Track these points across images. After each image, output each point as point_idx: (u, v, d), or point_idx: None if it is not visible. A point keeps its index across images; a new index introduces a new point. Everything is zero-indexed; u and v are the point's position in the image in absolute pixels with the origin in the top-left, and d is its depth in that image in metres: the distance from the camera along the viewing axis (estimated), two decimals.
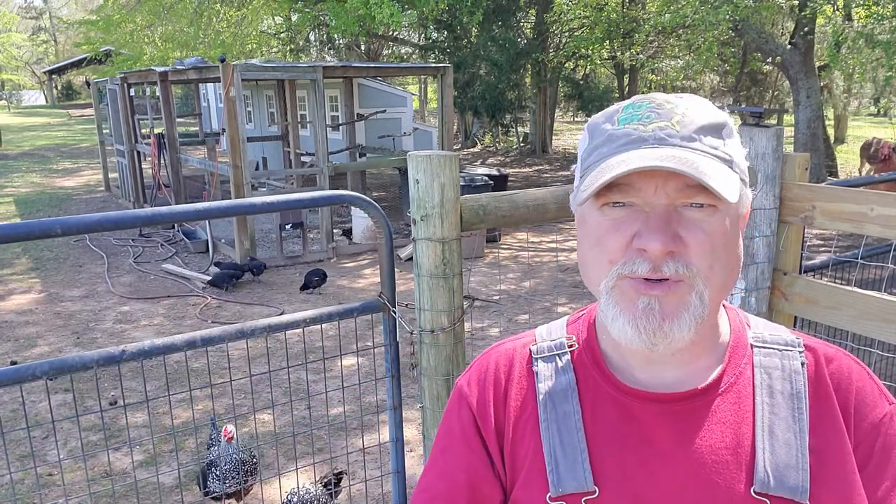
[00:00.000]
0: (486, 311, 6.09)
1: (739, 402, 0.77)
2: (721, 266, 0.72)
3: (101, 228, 1.66)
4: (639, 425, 0.77)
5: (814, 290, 2.04)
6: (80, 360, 1.68)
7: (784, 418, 0.76)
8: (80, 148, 20.67)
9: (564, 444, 0.78)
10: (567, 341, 0.85)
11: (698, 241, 0.71)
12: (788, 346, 0.81)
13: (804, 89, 11.28)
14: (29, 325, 5.88)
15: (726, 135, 0.74)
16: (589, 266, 0.77)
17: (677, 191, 0.70)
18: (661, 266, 0.70)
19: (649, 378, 0.78)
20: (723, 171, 0.70)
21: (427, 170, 1.72)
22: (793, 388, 0.77)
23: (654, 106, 0.74)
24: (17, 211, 11.08)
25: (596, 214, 0.75)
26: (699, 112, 0.74)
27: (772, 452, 0.74)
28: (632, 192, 0.72)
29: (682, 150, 0.70)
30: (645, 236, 0.70)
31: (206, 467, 2.82)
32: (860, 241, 2.35)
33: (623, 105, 0.77)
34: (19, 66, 49.35)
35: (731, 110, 1.33)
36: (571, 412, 0.79)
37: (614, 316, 0.73)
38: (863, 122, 27.77)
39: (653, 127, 0.72)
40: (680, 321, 0.71)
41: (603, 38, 14.59)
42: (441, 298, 1.79)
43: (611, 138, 0.74)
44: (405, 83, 27.80)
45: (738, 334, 0.82)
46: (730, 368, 0.79)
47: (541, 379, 0.83)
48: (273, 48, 20.00)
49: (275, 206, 1.90)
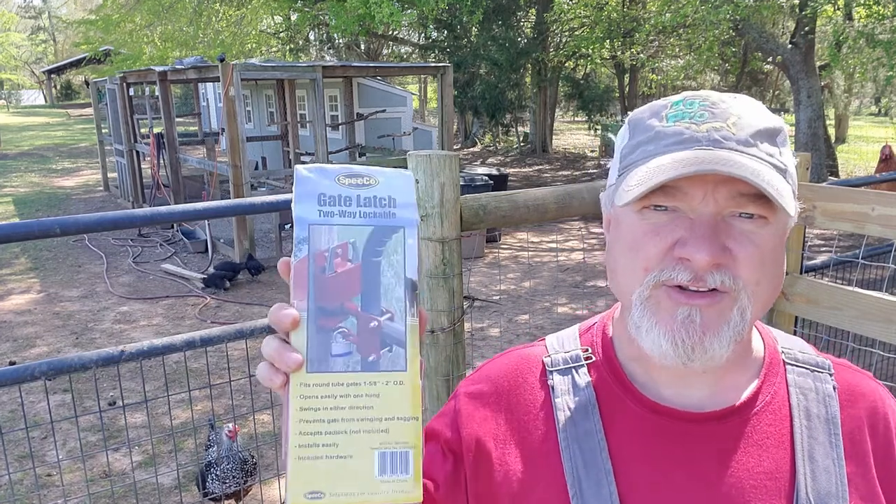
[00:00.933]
0: (486, 312, 6.08)
1: (776, 422, 0.72)
2: (768, 282, 0.67)
3: (100, 228, 1.65)
4: (668, 445, 0.71)
5: (815, 291, 2.03)
6: (78, 361, 1.67)
7: (822, 443, 0.71)
8: (78, 148, 20.66)
9: (587, 464, 0.72)
10: (583, 353, 0.79)
11: (748, 254, 0.65)
12: (819, 367, 0.76)
13: (805, 89, 11.28)
14: (28, 325, 5.88)
15: (781, 142, 0.69)
16: (620, 273, 0.71)
17: (728, 199, 0.65)
18: (705, 276, 0.65)
19: (675, 395, 0.73)
20: (780, 180, 0.65)
21: (427, 169, 1.71)
22: (828, 412, 0.73)
23: (707, 104, 0.68)
24: (15, 211, 11.08)
25: (633, 217, 0.68)
26: (755, 115, 0.68)
27: (813, 479, 0.69)
28: (678, 196, 0.65)
29: (739, 154, 0.64)
30: (691, 245, 0.64)
31: (204, 468, 2.82)
32: (861, 242, 2.35)
33: (672, 101, 0.71)
34: (18, 66, 49.36)
35: None
36: (594, 430, 0.73)
37: (648, 328, 0.67)
38: (864, 122, 27.78)
39: (707, 127, 0.66)
40: (720, 337, 0.66)
41: (603, 38, 14.58)
42: (441, 298, 1.78)
43: (658, 136, 0.68)
44: (405, 83, 27.80)
45: (772, 350, 0.77)
46: (766, 387, 0.74)
47: (557, 394, 0.76)
48: (272, 48, 20.01)
49: (275, 205, 1.90)
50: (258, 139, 12.06)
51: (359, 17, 11.08)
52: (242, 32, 18.02)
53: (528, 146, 19.53)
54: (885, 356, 2.28)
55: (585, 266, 7.69)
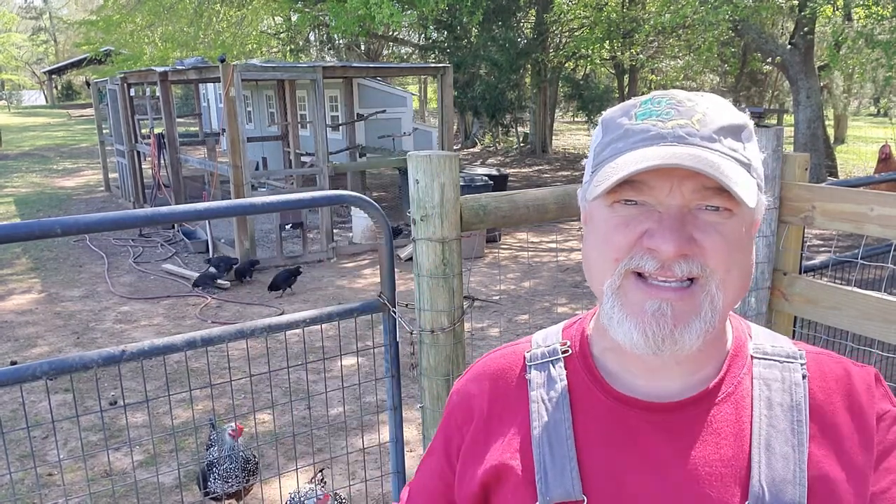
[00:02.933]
0: (486, 311, 6.09)
1: (737, 413, 0.74)
2: (738, 271, 0.70)
3: (101, 228, 1.66)
4: (631, 433, 0.74)
5: (814, 291, 2.04)
6: (80, 360, 1.68)
7: (782, 431, 0.73)
8: (79, 148, 20.67)
9: (554, 452, 0.76)
10: (561, 347, 0.83)
11: (714, 244, 0.68)
12: (790, 357, 0.78)
13: (804, 89, 11.28)
14: (29, 325, 5.88)
15: (745, 138, 0.72)
16: (593, 264, 0.74)
17: (693, 192, 0.68)
18: (672, 266, 0.68)
19: (647, 386, 0.76)
20: (742, 174, 0.68)
21: (427, 170, 1.72)
22: (792, 399, 0.74)
23: (674, 103, 0.71)
24: (17, 211, 11.08)
25: (605, 211, 0.72)
26: (720, 112, 0.71)
27: (768, 466, 0.71)
28: (645, 191, 0.69)
29: (702, 149, 0.67)
30: (658, 236, 0.67)
31: (206, 468, 2.82)
32: (860, 242, 2.35)
33: (641, 100, 0.74)
34: (19, 66, 49.35)
35: None
36: (562, 419, 0.77)
37: (620, 319, 0.70)
38: (863, 122, 27.77)
39: (672, 124, 0.69)
40: (690, 328, 0.68)
41: (603, 38, 14.58)
42: (441, 298, 1.79)
43: (627, 133, 0.71)
44: (405, 83, 27.80)
45: (739, 343, 0.79)
46: (728, 378, 0.76)
47: (533, 387, 0.81)
48: (273, 48, 20.00)
49: (275, 206, 1.90)
50: (259, 139, 12.06)
51: (359, 18, 11.08)
52: (243, 33, 18.02)
53: (528, 146, 19.52)
54: (884, 356, 2.28)
55: None
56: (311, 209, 8.89)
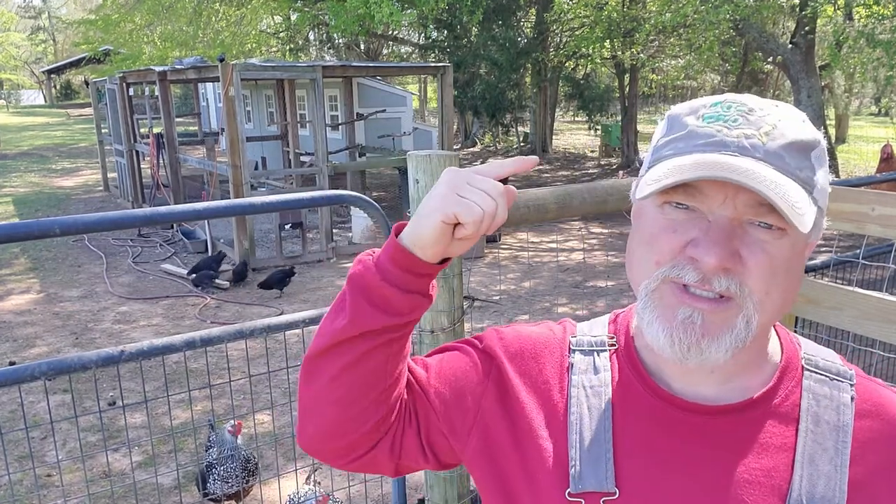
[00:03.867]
0: (486, 311, 6.08)
1: (783, 424, 0.73)
2: (779, 293, 0.68)
3: (100, 228, 1.65)
4: (672, 433, 0.73)
5: (815, 291, 2.03)
6: (78, 361, 1.67)
7: (827, 449, 0.71)
8: (78, 148, 20.66)
9: (591, 442, 0.75)
10: (609, 339, 0.82)
11: (758, 263, 0.66)
12: (840, 376, 0.76)
13: (805, 89, 11.28)
14: (27, 325, 5.88)
15: (815, 157, 0.69)
16: (634, 263, 0.73)
17: (747, 206, 0.65)
18: (712, 279, 0.66)
19: (683, 388, 0.75)
20: (801, 195, 0.65)
21: (427, 170, 1.71)
22: (839, 420, 0.73)
23: (745, 110, 0.68)
24: (15, 211, 11.08)
25: (654, 211, 0.70)
26: (791, 127, 0.68)
27: (810, 482, 0.70)
28: (698, 197, 0.66)
29: (763, 165, 0.64)
30: (702, 246, 0.65)
31: (205, 469, 2.81)
32: (861, 241, 2.35)
33: (711, 101, 0.71)
34: (18, 66, 49.34)
35: None
36: (603, 409, 0.76)
37: (650, 321, 0.70)
38: (864, 122, 27.78)
39: (738, 133, 0.66)
40: (719, 342, 0.67)
41: (603, 38, 14.58)
42: (441, 298, 1.78)
43: (690, 134, 0.69)
44: (405, 83, 27.80)
45: (790, 355, 0.77)
46: (781, 388, 0.75)
47: (575, 371, 0.79)
48: (272, 47, 19.99)
49: (274, 206, 1.90)
50: (258, 139, 12.06)
51: (359, 17, 11.08)
52: (242, 32, 18.02)
53: (528, 146, 19.51)
54: (884, 356, 2.28)
55: (585, 266, 7.68)
56: (310, 209, 8.89)
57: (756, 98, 0.71)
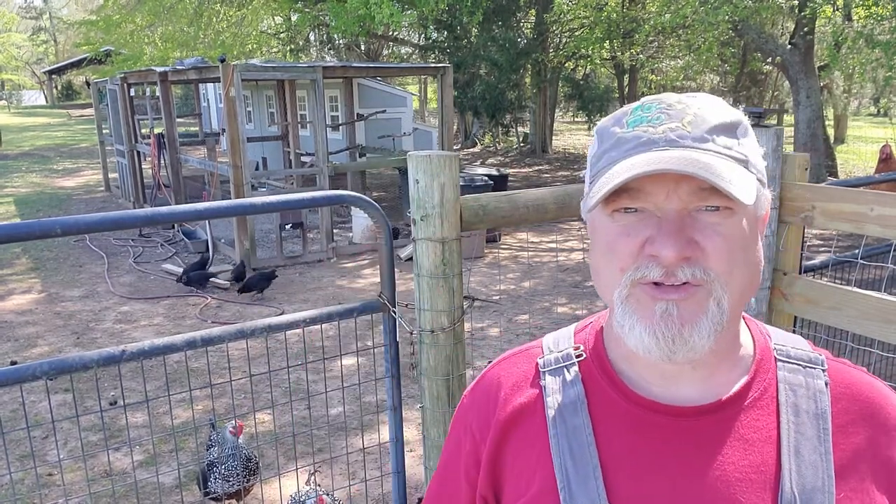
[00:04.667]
0: (486, 311, 6.09)
1: (764, 418, 0.74)
2: (741, 271, 0.69)
3: (101, 228, 1.66)
4: (656, 440, 0.73)
5: (814, 291, 2.04)
6: (80, 360, 1.68)
7: (810, 438, 0.73)
8: (79, 148, 20.67)
9: (576, 459, 0.74)
10: (574, 352, 0.81)
11: (715, 246, 0.67)
12: (812, 363, 0.78)
13: (804, 89, 11.28)
14: (29, 325, 5.88)
15: (741, 134, 0.71)
16: (600, 275, 0.74)
17: (690, 194, 0.67)
18: (676, 271, 0.67)
19: (665, 392, 0.75)
20: (738, 171, 0.67)
21: (427, 170, 1.72)
22: (818, 407, 0.74)
23: (664, 107, 0.71)
24: (17, 211, 11.08)
25: (606, 221, 0.71)
26: (712, 111, 0.70)
27: (798, 473, 0.71)
28: (642, 197, 0.68)
29: (693, 151, 0.67)
30: (658, 242, 0.67)
31: (206, 468, 2.82)
32: (860, 242, 2.36)
33: (633, 107, 0.74)
34: (19, 66, 49.35)
35: None
36: (582, 426, 0.75)
37: (631, 325, 0.70)
38: (863, 122, 27.77)
39: (663, 129, 0.69)
40: (699, 328, 0.68)
41: (603, 38, 14.59)
42: (441, 298, 1.79)
43: (620, 142, 0.71)
44: (405, 83, 27.80)
45: (764, 347, 0.78)
46: (756, 382, 0.75)
47: (548, 393, 0.79)
48: (273, 48, 20.00)
49: (275, 206, 1.90)
50: (259, 139, 12.06)
51: (359, 18, 11.08)
52: (243, 33, 18.03)
53: (528, 146, 19.52)
54: (883, 356, 2.29)
55: (585, 266, 7.68)
56: (311, 209, 8.89)
57: (673, 94, 0.74)
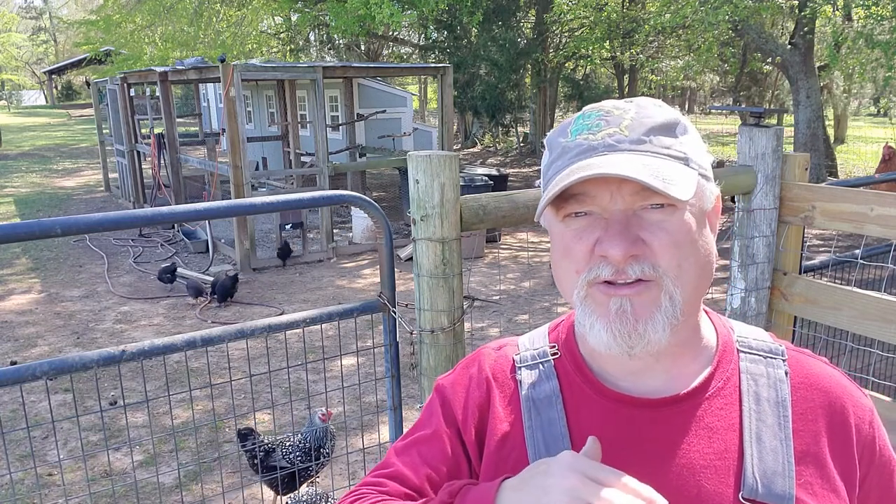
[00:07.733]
0: (486, 311, 6.09)
1: (727, 407, 0.77)
2: (690, 264, 0.72)
3: (101, 228, 1.66)
4: (625, 430, 0.76)
5: (814, 290, 2.04)
6: (80, 360, 1.68)
7: (770, 425, 0.76)
8: (79, 148, 20.67)
9: (550, 451, 0.76)
10: (549, 349, 0.85)
11: (661, 242, 0.70)
12: (772, 353, 0.81)
13: (804, 89, 11.28)
14: (29, 325, 5.88)
15: (680, 132, 0.74)
16: (561, 279, 0.77)
17: (633, 195, 0.70)
18: (626, 268, 0.70)
19: (631, 387, 0.78)
20: (677, 169, 0.70)
21: (427, 170, 1.72)
22: (778, 396, 0.78)
23: (602, 114, 0.75)
24: (17, 211, 11.09)
25: (560, 227, 0.75)
26: (648, 114, 0.74)
27: (760, 459, 0.74)
28: (588, 201, 0.72)
29: (631, 154, 0.70)
30: (606, 242, 0.70)
31: (277, 446, 2.91)
32: (860, 242, 2.36)
33: (575, 117, 0.77)
34: (19, 66, 49.37)
35: (732, 110, 1.31)
36: (556, 419, 0.79)
37: (591, 324, 0.73)
38: (863, 122, 27.77)
39: (602, 135, 0.72)
40: (654, 322, 0.71)
41: (603, 39, 14.59)
42: (441, 298, 1.79)
43: (564, 150, 0.74)
44: (405, 83, 27.80)
45: (726, 339, 0.82)
46: (718, 373, 0.79)
47: (524, 387, 0.82)
48: (273, 48, 20.00)
49: (275, 206, 1.90)
50: (259, 139, 12.07)
51: (359, 18, 11.08)
52: (243, 33, 18.02)
53: (528, 146, 19.52)
54: (883, 356, 2.29)
55: None
56: (311, 209, 8.90)
57: (613, 101, 0.77)
